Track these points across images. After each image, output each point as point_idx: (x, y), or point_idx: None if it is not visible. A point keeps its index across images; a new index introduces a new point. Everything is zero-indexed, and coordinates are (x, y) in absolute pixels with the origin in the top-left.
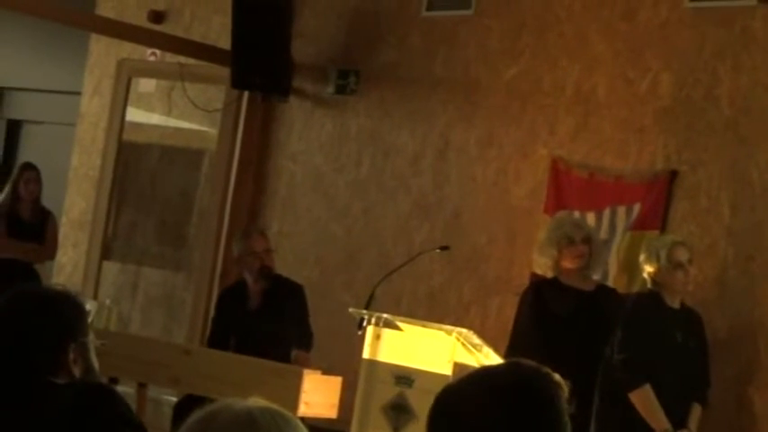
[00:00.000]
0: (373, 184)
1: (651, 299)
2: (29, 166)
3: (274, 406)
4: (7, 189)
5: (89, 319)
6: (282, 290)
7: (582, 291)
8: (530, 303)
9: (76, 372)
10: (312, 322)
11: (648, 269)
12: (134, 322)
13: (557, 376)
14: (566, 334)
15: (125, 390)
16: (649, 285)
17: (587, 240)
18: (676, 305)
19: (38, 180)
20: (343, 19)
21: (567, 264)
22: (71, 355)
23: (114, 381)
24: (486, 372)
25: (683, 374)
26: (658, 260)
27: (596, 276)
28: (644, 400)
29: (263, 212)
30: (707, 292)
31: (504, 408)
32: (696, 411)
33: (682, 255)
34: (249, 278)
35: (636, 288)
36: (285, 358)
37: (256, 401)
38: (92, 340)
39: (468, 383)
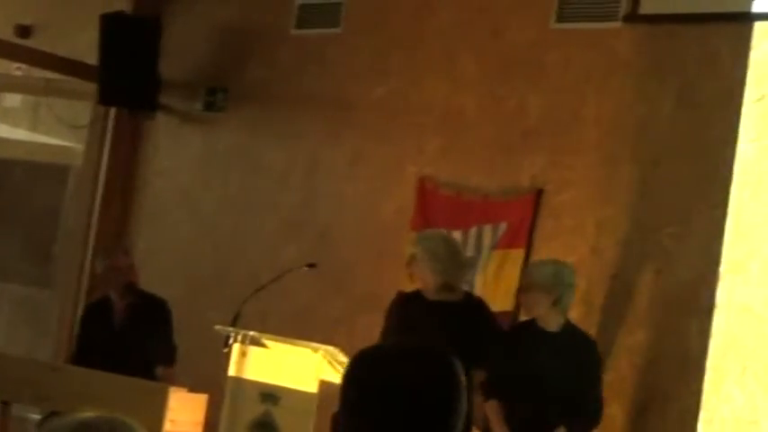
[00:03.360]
0: (241, 201)
1: (525, 322)
2: None
3: (117, 416)
4: None
5: None
6: (146, 305)
7: (444, 302)
8: (395, 315)
9: None
10: (178, 339)
11: None
12: None
13: None
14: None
15: None
16: None
17: (410, 260)
18: (553, 328)
19: None
20: (212, 36)
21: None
22: None
23: None
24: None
25: (545, 397)
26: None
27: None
28: (490, 414)
29: (130, 229)
30: (573, 311)
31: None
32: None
33: (523, 279)
34: (114, 294)
35: (501, 305)
36: (149, 373)
37: (99, 414)
38: None
39: (386, 350)
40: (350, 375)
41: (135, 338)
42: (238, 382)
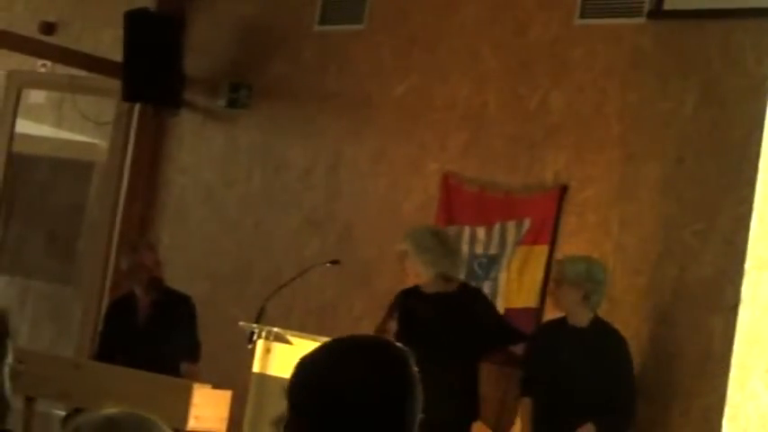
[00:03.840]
0: (264, 198)
1: (555, 319)
2: None
3: (141, 413)
4: None
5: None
6: (171, 302)
7: (441, 294)
8: (399, 312)
9: None
10: (202, 335)
11: None
12: (22, 336)
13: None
14: (432, 337)
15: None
16: None
17: (401, 256)
18: (582, 324)
19: None
20: (236, 33)
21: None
22: None
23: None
24: (338, 340)
25: (574, 392)
26: None
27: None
28: (521, 411)
29: (154, 225)
30: None
31: (363, 365)
32: (586, 428)
33: (554, 273)
34: (138, 290)
35: (524, 302)
36: (174, 370)
37: (124, 410)
38: (8, 363)
39: (323, 351)
40: (291, 381)
41: (159, 335)
42: (262, 378)
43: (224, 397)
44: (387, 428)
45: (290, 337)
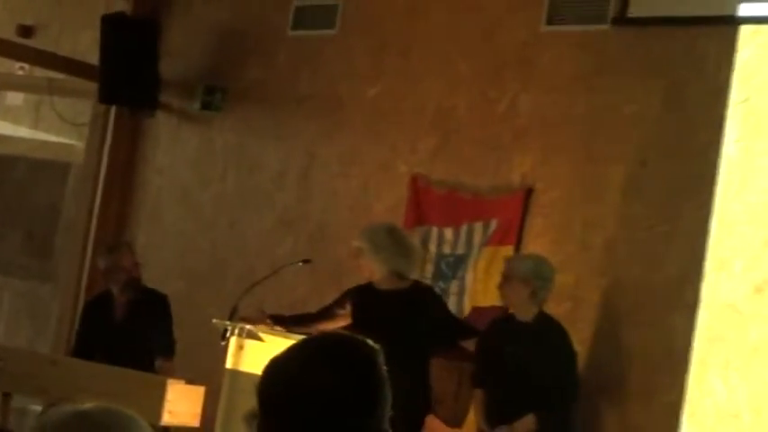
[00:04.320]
0: (238, 198)
1: (503, 315)
2: None
3: (117, 407)
4: None
5: None
6: (147, 300)
7: (394, 290)
8: (352, 306)
9: None
10: (177, 333)
11: None
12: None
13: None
14: (385, 333)
15: None
16: None
17: (357, 253)
18: (527, 318)
19: None
20: (211, 37)
21: None
22: None
23: None
24: (308, 339)
25: (519, 384)
26: None
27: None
28: (474, 403)
29: (130, 225)
30: (561, 307)
31: (328, 365)
32: (526, 419)
33: (502, 271)
34: (115, 290)
35: (491, 300)
36: (149, 367)
37: (98, 404)
38: None
39: (294, 350)
40: (261, 382)
41: (136, 333)
42: (235, 374)
43: (197, 392)
44: (356, 428)
45: (261, 335)
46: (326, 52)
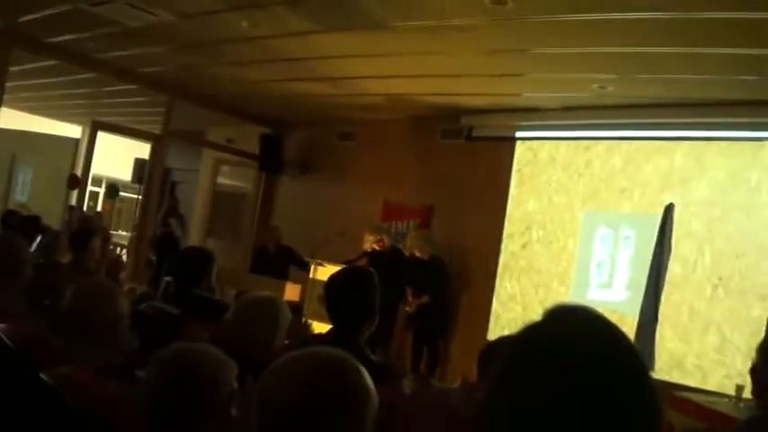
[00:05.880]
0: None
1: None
2: None
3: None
4: None
5: None
6: (285, 250)
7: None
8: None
9: None
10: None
11: None
12: None
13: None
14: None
15: None
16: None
17: (380, 233)
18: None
19: None
20: (303, 143)
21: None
22: None
23: None
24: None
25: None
26: None
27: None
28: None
29: (272, 222)
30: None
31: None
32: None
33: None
34: (270, 245)
35: (408, 250)
36: (285, 277)
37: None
38: None
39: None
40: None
41: (281, 264)
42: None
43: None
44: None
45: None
46: None
